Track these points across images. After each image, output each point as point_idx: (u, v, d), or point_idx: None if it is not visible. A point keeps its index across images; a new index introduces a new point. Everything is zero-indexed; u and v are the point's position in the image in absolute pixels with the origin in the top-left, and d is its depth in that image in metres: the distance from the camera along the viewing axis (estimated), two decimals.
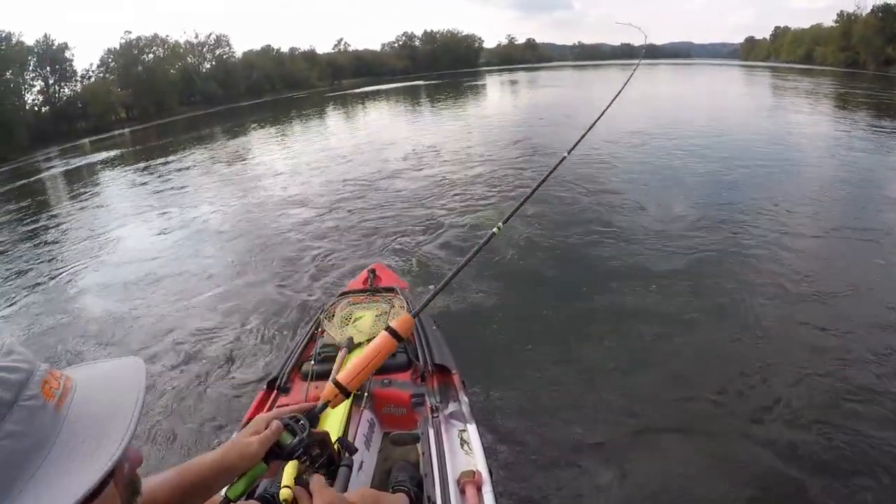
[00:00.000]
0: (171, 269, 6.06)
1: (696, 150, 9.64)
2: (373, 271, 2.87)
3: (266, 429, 0.98)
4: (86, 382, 0.58)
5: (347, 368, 1.14)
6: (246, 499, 1.75)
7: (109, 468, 0.51)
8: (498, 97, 29.51)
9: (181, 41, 55.40)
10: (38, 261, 7.37)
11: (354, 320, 2.27)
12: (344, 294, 2.58)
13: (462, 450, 1.79)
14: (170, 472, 0.94)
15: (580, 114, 15.06)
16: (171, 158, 16.28)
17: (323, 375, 1.92)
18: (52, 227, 9.46)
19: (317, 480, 0.98)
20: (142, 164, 16.28)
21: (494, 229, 1.60)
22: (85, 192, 13.39)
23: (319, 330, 2.22)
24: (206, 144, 19.43)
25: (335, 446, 1.52)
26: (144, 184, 12.78)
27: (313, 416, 1.07)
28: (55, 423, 0.52)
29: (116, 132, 36.16)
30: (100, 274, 6.36)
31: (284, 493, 1.44)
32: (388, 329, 1.17)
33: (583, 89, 30.44)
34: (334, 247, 5.97)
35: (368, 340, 2.13)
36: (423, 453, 1.77)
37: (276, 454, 0.97)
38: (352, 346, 2.06)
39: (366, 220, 6.83)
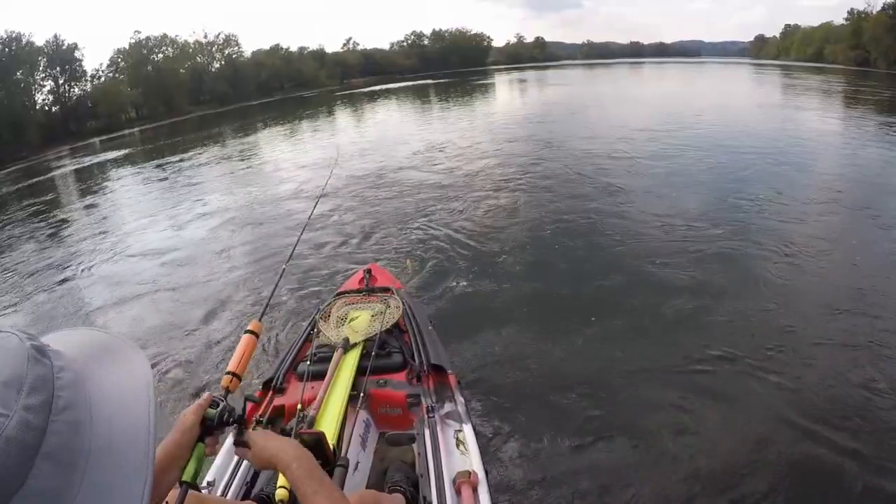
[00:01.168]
0: (176, 264, 6.18)
1: (708, 147, 9.63)
2: (368, 271, 2.87)
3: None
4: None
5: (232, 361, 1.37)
6: (241, 498, 1.77)
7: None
8: (507, 96, 29.37)
9: (190, 41, 55.74)
10: (49, 255, 7.57)
11: (350, 320, 2.27)
12: (340, 294, 2.58)
13: (458, 450, 1.79)
14: None
15: (586, 112, 15.10)
16: (180, 157, 16.46)
17: (319, 376, 1.93)
18: (61, 223, 9.72)
19: (253, 432, 1.08)
20: (151, 163, 16.53)
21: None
22: (95, 190, 13.74)
23: (315, 330, 2.22)
24: (216, 143, 19.61)
25: (331, 447, 1.53)
26: (153, 181, 13.05)
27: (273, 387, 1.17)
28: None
29: (126, 132, 36.47)
30: (106, 267, 6.52)
31: (280, 494, 1.45)
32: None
33: (590, 87, 30.29)
34: (338, 240, 6.11)
35: (364, 341, 2.13)
36: (419, 454, 1.77)
37: (207, 430, 1.03)
38: (347, 347, 2.06)
39: (370, 215, 6.93)
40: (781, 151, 9.07)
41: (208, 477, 1.61)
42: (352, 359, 2.02)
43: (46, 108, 42.54)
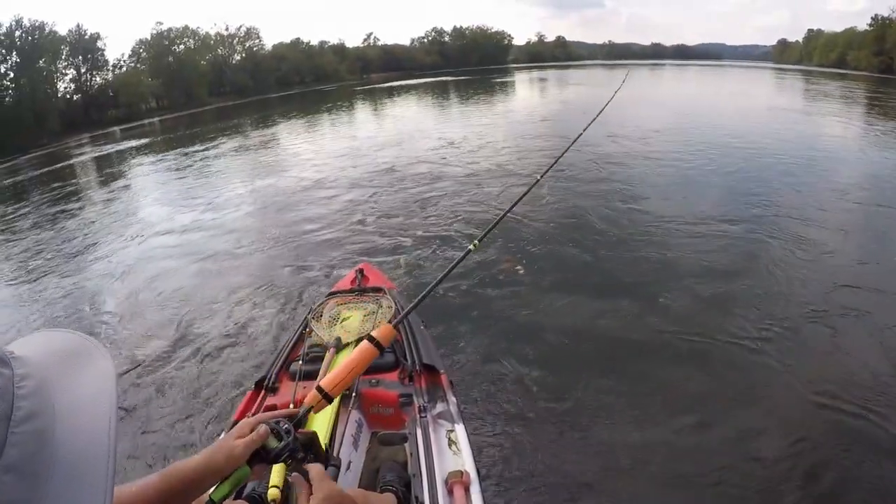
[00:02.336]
0: (191, 248, 6.43)
1: (728, 151, 9.51)
2: (360, 271, 2.88)
3: (251, 432, 1.00)
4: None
5: (330, 376, 1.19)
6: (234, 497, 1.77)
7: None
8: (527, 94, 29.10)
9: (212, 33, 56.75)
10: (66, 239, 7.89)
11: (342, 320, 2.28)
12: (332, 294, 2.60)
13: (450, 450, 1.78)
14: (153, 477, 0.93)
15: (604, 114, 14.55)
16: (199, 147, 16.92)
17: (311, 375, 1.94)
18: (78, 208, 10.20)
19: (315, 470, 0.99)
20: (171, 152, 17.17)
21: (471, 246, 1.76)
22: (113, 177, 14.45)
23: (307, 330, 2.24)
24: (235, 134, 20.10)
25: (323, 446, 1.53)
26: (172, 170, 13.55)
27: (297, 420, 1.09)
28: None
29: (146, 121, 37.50)
30: (122, 252, 6.82)
31: (272, 494, 1.44)
32: (370, 338, 1.24)
33: (610, 89, 28.93)
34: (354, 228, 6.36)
35: (356, 341, 2.14)
36: (411, 453, 1.77)
37: (260, 458, 0.99)
38: (339, 347, 2.07)
39: (384, 209, 7.07)
40: (808, 157, 8.92)
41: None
42: (344, 358, 2.03)
43: (68, 96, 43.60)
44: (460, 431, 1.84)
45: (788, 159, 8.56)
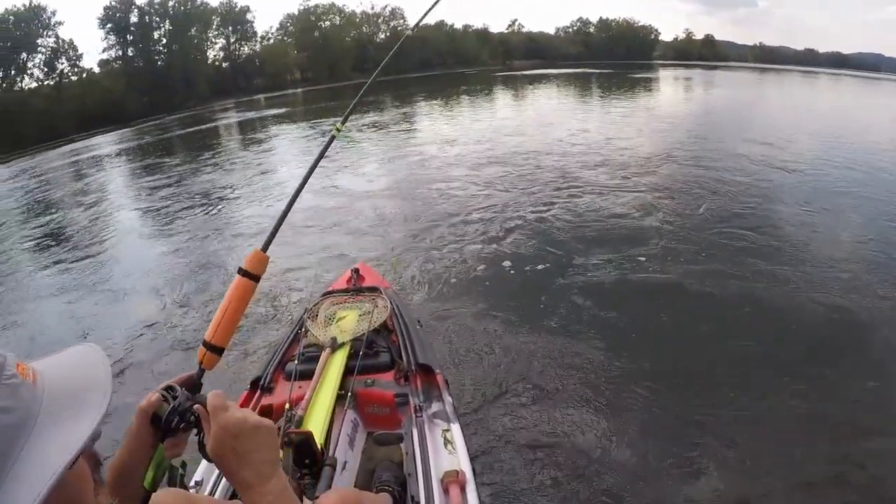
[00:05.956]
0: (317, 216, 7.01)
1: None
2: (356, 270, 2.86)
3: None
4: (48, 368, 0.61)
5: (212, 324, 1.18)
6: (230, 497, 1.74)
7: (92, 432, 0.56)
8: (683, 97, 24.46)
9: (357, 11, 59.29)
10: (214, 193, 9.30)
11: (338, 320, 2.27)
12: (327, 294, 2.57)
13: (446, 449, 1.80)
14: (108, 475, 0.90)
15: (760, 135, 11.12)
16: (337, 121, 16.98)
17: (306, 375, 1.92)
18: (220, 165, 12.12)
19: (212, 396, 0.85)
20: (311, 122, 18.56)
21: (333, 131, 1.83)
22: (255, 140, 16.42)
23: (303, 330, 2.22)
24: (375, 109, 20.22)
25: (319, 446, 1.53)
26: (310, 138, 14.77)
27: (192, 382, 1.06)
28: (35, 398, 0.56)
29: (290, 91, 40.23)
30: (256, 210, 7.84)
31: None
32: (241, 271, 1.23)
33: (765, 100, 22.68)
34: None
35: (352, 340, 2.13)
36: (407, 453, 1.78)
37: (159, 428, 0.92)
38: (335, 346, 2.06)
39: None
40: None
41: (196, 476, 1.59)
42: (339, 358, 2.02)
43: (217, 63, 47.91)
44: (456, 431, 1.86)
45: None
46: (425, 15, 2.41)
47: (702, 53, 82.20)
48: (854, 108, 19.67)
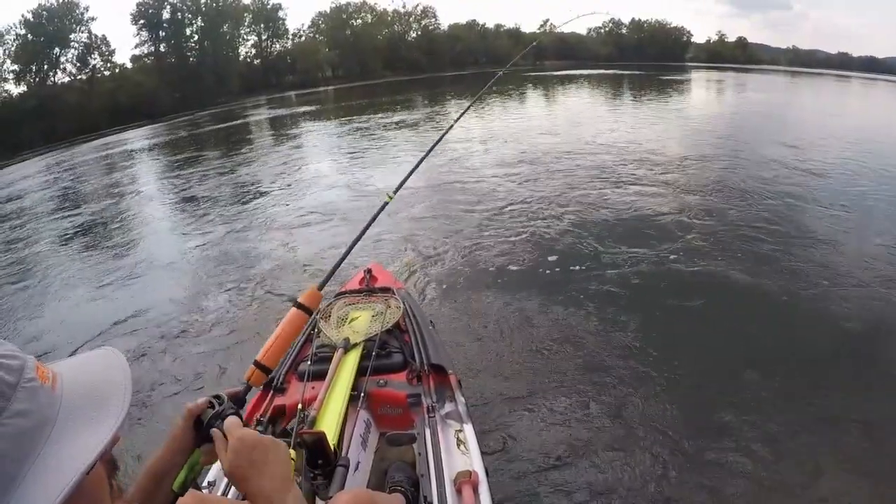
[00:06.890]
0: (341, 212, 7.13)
1: None
2: (369, 271, 2.86)
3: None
4: (67, 371, 0.62)
5: (264, 347, 1.28)
6: (242, 498, 1.77)
7: (112, 435, 0.57)
8: (716, 101, 23.14)
9: (389, 9, 59.91)
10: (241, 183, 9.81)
11: (350, 321, 2.27)
12: (340, 294, 2.58)
13: (458, 450, 1.79)
14: (140, 476, 0.95)
15: (802, 143, 10.34)
16: (368, 118, 17.94)
17: (319, 376, 1.93)
18: (253, 160, 12.43)
19: (230, 420, 0.96)
20: (341, 120, 18.85)
21: (386, 198, 2.04)
22: (285, 136, 16.88)
23: (316, 330, 2.23)
24: (406, 108, 20.60)
25: (331, 446, 1.54)
26: (339, 136, 15.19)
27: (238, 396, 1.11)
28: (53, 402, 0.56)
29: (321, 88, 40.36)
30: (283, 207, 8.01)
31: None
32: (296, 304, 1.33)
33: (801, 107, 20.59)
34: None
35: (365, 341, 2.14)
36: (420, 453, 1.78)
37: (201, 434, 0.97)
38: (348, 347, 2.07)
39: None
40: None
41: (209, 477, 1.62)
42: (352, 359, 2.03)
43: (249, 60, 49.12)
44: (469, 431, 1.85)
45: None
46: None
47: (734, 56, 79.69)
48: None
